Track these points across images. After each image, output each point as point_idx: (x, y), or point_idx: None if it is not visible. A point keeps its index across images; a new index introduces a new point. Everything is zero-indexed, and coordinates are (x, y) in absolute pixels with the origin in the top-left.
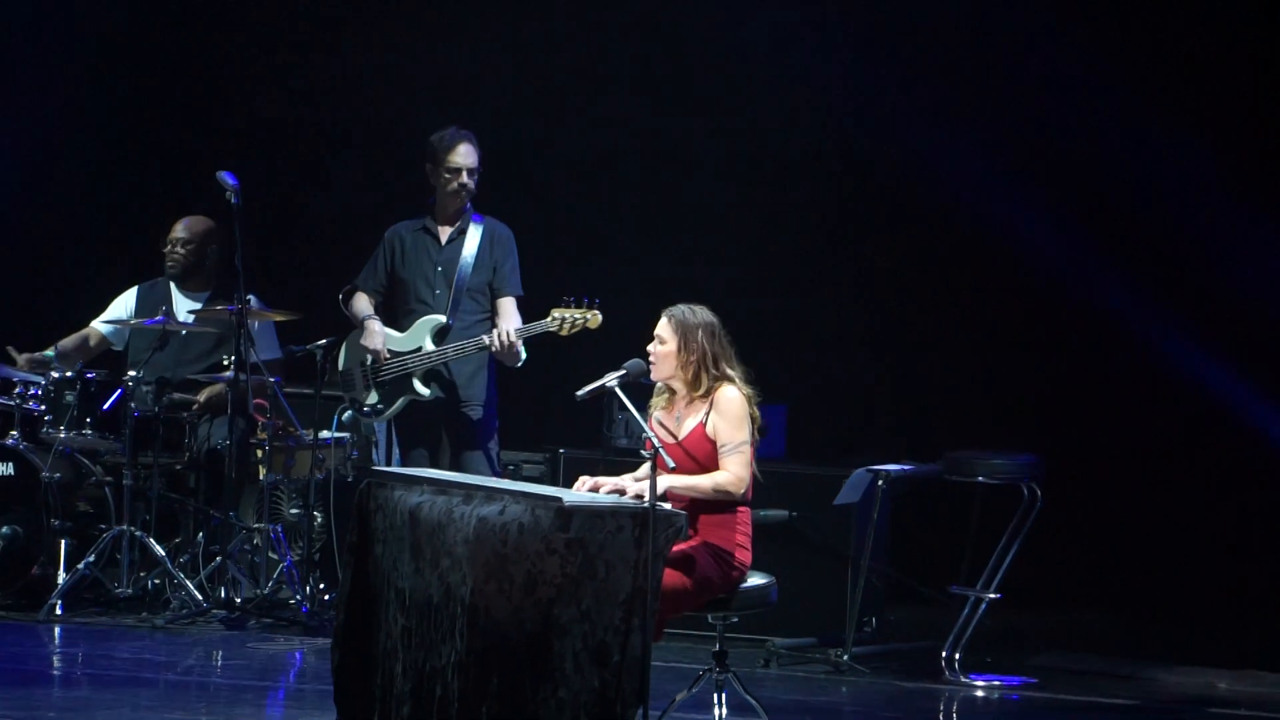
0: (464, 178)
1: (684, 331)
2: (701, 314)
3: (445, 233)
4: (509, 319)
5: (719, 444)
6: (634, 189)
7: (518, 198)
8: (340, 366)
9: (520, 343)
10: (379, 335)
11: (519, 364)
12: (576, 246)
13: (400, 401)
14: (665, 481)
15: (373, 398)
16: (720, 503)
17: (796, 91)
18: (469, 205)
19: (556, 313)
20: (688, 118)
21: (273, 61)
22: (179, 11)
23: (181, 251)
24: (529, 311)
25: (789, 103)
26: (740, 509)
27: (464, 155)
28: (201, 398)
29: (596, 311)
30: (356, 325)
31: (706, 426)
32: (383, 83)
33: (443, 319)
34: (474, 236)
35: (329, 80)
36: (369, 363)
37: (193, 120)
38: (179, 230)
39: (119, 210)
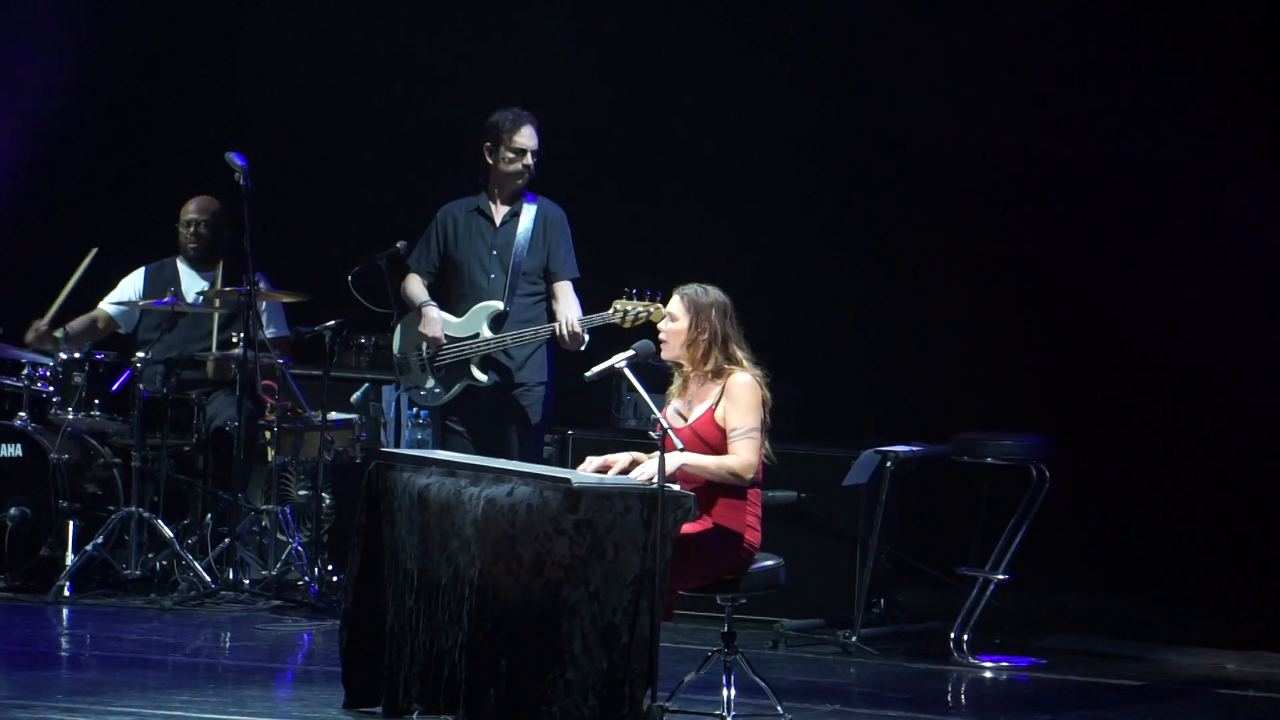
0: (528, 159)
1: (696, 310)
2: (714, 293)
3: (499, 214)
4: (569, 304)
5: (729, 429)
6: (643, 174)
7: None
8: (395, 350)
9: (584, 330)
10: (438, 323)
11: (581, 349)
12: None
13: (458, 387)
14: (676, 459)
15: (430, 382)
16: (729, 484)
17: (808, 73)
18: (524, 187)
19: (619, 304)
20: (699, 102)
21: (283, 42)
22: None
23: (203, 232)
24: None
25: (804, 84)
26: (750, 490)
27: (528, 137)
28: (210, 366)
29: (659, 305)
30: (412, 309)
31: (716, 412)
32: (393, 66)
33: (500, 305)
34: (527, 218)
35: (339, 62)
36: (426, 350)
37: (201, 101)
38: (193, 211)
39: (126, 191)
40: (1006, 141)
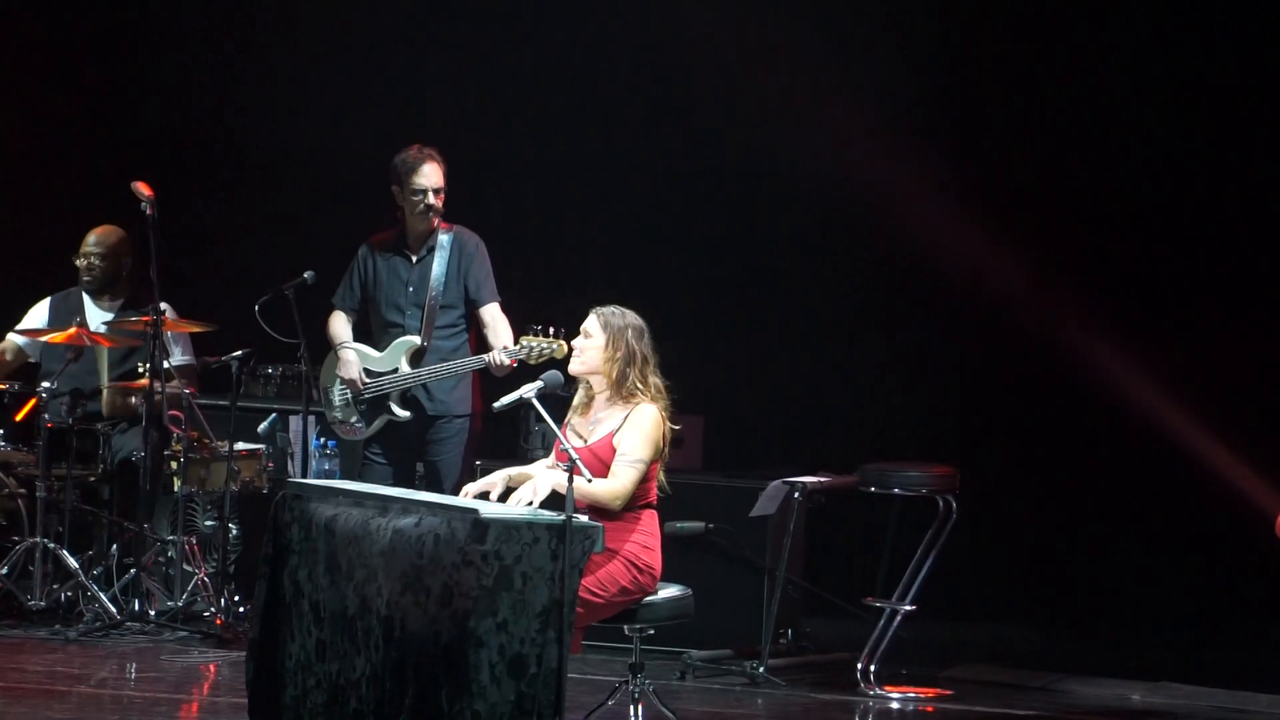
0: (430, 199)
1: (612, 330)
2: (630, 316)
3: (415, 250)
4: (498, 329)
5: (619, 451)
6: (550, 202)
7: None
8: (321, 383)
9: (510, 361)
10: (355, 365)
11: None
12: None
13: (378, 422)
14: (549, 480)
15: (353, 418)
16: (626, 509)
17: (729, 101)
18: (435, 223)
19: (525, 340)
20: (620, 131)
21: (190, 71)
22: (94, 17)
23: (98, 264)
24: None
25: (721, 114)
26: (642, 511)
27: (426, 176)
28: (105, 399)
29: (563, 342)
30: (333, 349)
31: (616, 436)
32: (301, 92)
33: (417, 340)
34: (443, 251)
35: (248, 88)
36: (347, 391)
37: (106, 129)
38: (91, 243)
39: (30, 220)
40: (917, 173)
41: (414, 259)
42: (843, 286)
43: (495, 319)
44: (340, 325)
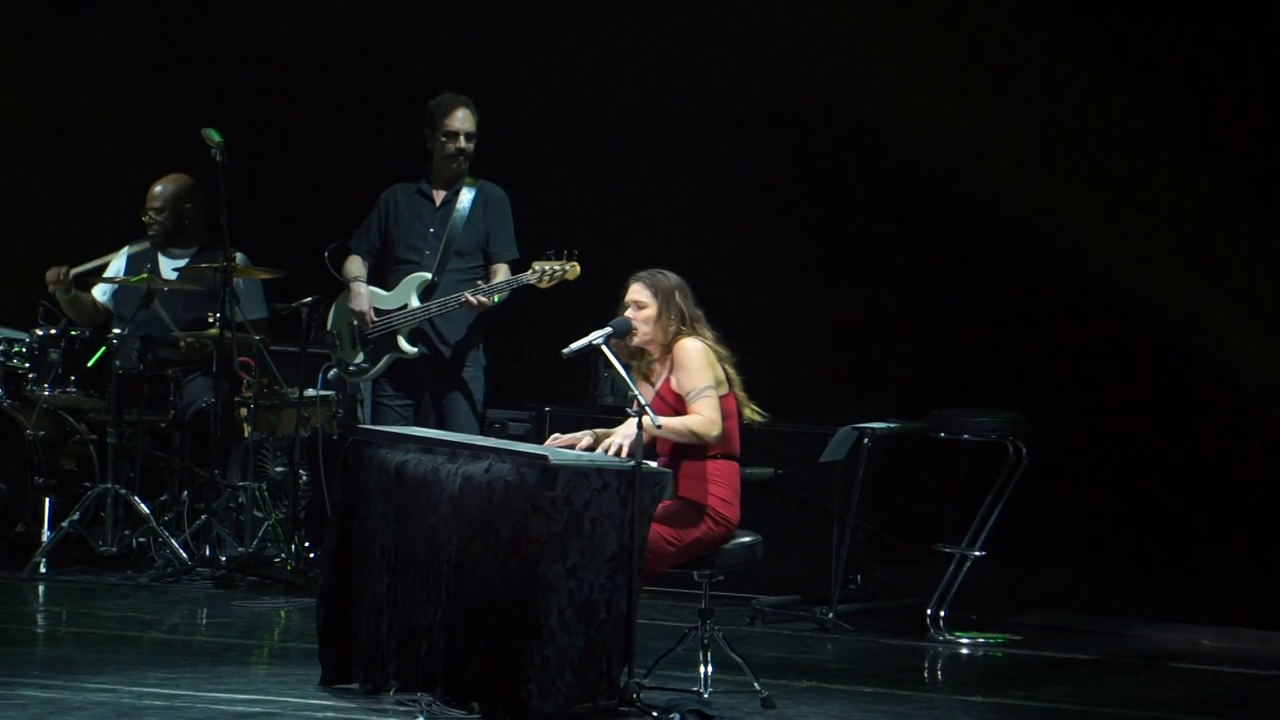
0: (461, 142)
1: (662, 294)
2: (671, 276)
3: (439, 195)
4: (497, 277)
5: (684, 394)
6: (619, 151)
7: (506, 160)
8: (329, 327)
9: (492, 297)
10: (364, 298)
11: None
12: (562, 209)
13: (385, 360)
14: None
15: (359, 357)
16: (702, 459)
17: (771, 53)
18: (465, 170)
19: (536, 265)
20: (666, 84)
21: (261, 16)
22: None
23: (158, 218)
24: (516, 270)
25: (767, 65)
26: (723, 463)
27: (461, 120)
28: (183, 345)
29: (575, 263)
30: (345, 286)
31: (671, 384)
32: (371, 41)
33: (428, 276)
34: (466, 198)
35: (318, 36)
36: (355, 325)
37: (179, 76)
38: (152, 197)
39: (106, 168)
40: (975, 121)
41: (437, 202)
42: (914, 231)
43: (503, 275)
44: (354, 265)
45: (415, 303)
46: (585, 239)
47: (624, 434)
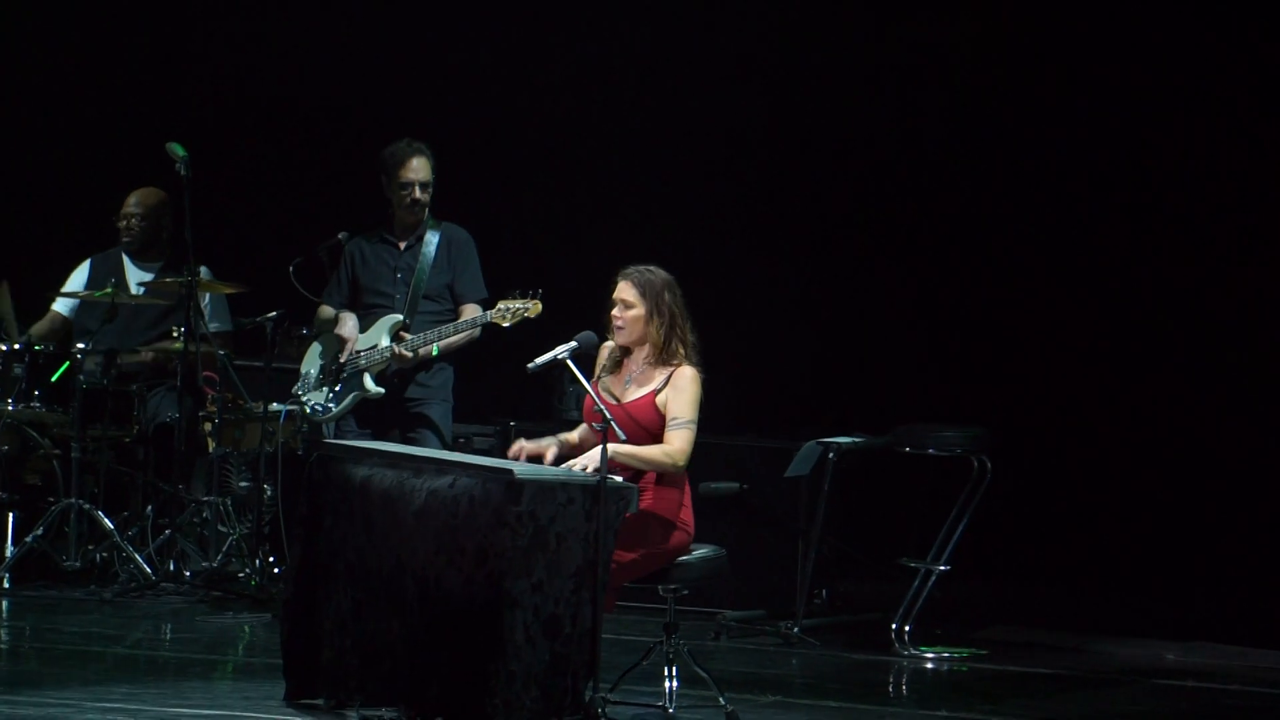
0: (416, 193)
1: (652, 293)
2: (660, 273)
3: (403, 240)
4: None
5: (669, 417)
6: (582, 165)
7: (470, 182)
8: (301, 369)
9: (423, 348)
10: (351, 324)
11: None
12: (523, 226)
13: (350, 399)
14: (609, 450)
15: (323, 396)
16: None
17: (735, 64)
18: (425, 216)
19: (501, 304)
20: (627, 96)
21: (227, 32)
22: None
23: (137, 225)
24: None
25: (732, 77)
26: (680, 476)
27: (414, 170)
28: (148, 358)
29: (537, 302)
30: (325, 327)
31: (659, 397)
32: (334, 56)
33: (400, 318)
34: (431, 243)
35: (280, 51)
36: (325, 364)
37: (144, 90)
38: (132, 203)
39: (70, 181)
40: (943, 137)
41: (402, 245)
42: (879, 246)
43: (468, 312)
44: (328, 311)
45: (386, 342)
46: (545, 254)
47: (594, 454)
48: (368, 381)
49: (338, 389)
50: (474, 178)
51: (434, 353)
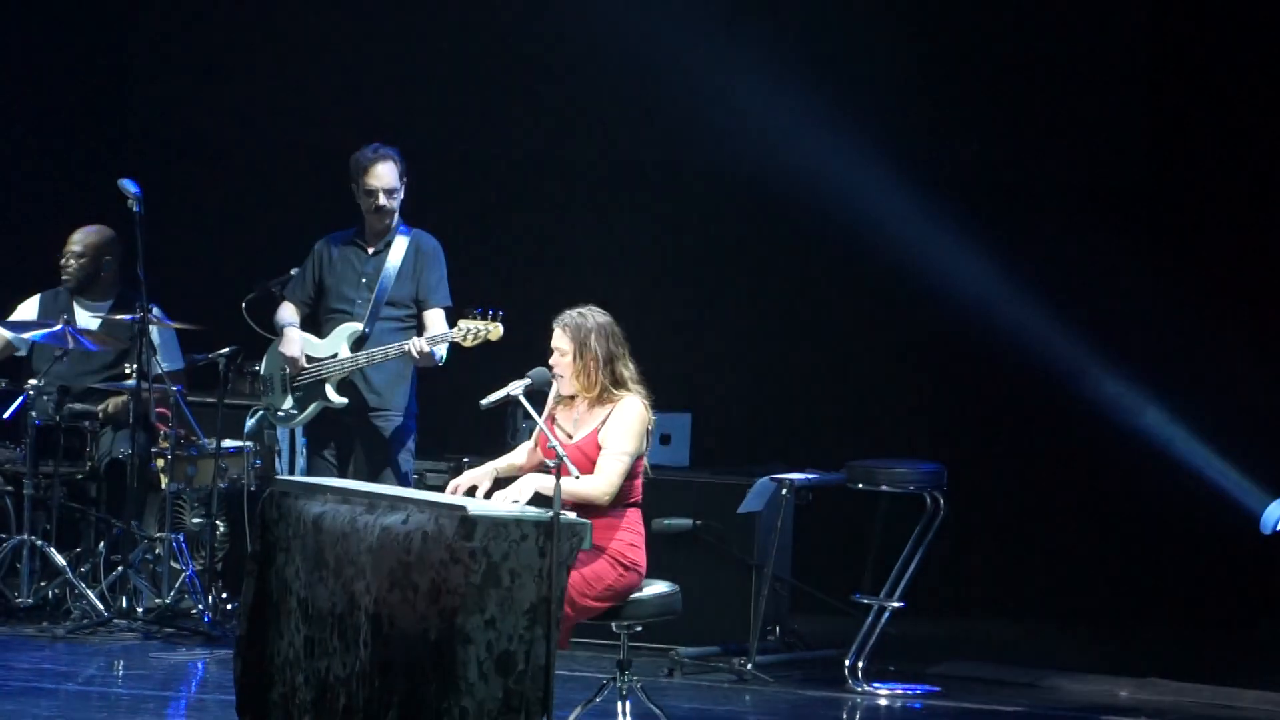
0: (381, 199)
1: (579, 338)
2: (592, 316)
3: (371, 244)
4: (433, 329)
5: (603, 445)
6: (539, 200)
7: (435, 206)
8: (262, 372)
9: (433, 348)
10: (297, 343)
11: (436, 365)
12: (481, 255)
13: (313, 408)
14: (533, 483)
15: (287, 403)
16: (612, 507)
17: (695, 102)
18: (395, 219)
19: (462, 323)
20: (589, 127)
21: (177, 69)
22: (80, 16)
23: (75, 264)
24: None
25: (690, 114)
26: (631, 510)
27: (379, 176)
28: (104, 409)
29: (498, 324)
30: (277, 333)
31: (601, 432)
32: (284, 92)
33: (360, 326)
34: (399, 248)
35: (231, 88)
36: (287, 371)
37: (95, 127)
38: (73, 242)
39: (19, 217)
40: (893, 171)
41: (370, 250)
42: (829, 284)
43: (435, 321)
44: (287, 312)
45: (346, 352)
46: (501, 287)
47: (524, 484)
48: (330, 391)
49: (299, 395)
50: (432, 206)
51: (435, 355)
